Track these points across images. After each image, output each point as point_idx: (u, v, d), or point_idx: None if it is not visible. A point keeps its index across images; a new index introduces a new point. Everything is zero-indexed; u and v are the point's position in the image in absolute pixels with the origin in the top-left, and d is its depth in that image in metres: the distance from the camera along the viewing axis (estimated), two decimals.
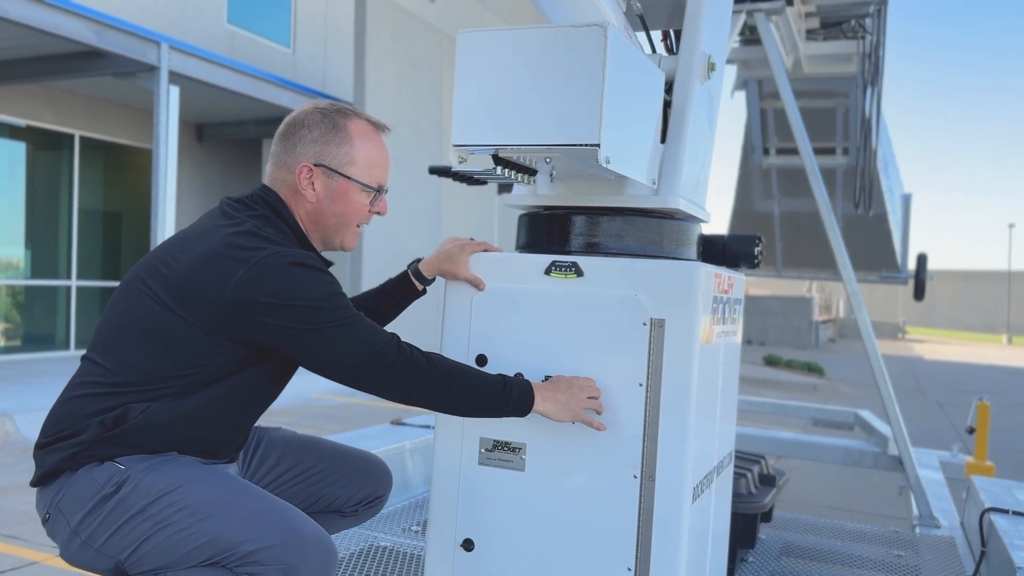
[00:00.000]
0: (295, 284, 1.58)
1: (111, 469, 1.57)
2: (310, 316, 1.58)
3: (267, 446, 1.92)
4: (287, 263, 1.59)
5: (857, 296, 4.00)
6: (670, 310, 1.86)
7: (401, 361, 1.63)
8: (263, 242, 1.63)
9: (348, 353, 1.61)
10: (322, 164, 1.75)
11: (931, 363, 21.47)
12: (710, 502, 2.14)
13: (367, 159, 1.79)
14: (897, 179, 6.70)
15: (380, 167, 1.82)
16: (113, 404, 1.58)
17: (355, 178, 1.77)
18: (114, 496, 1.54)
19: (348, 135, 1.77)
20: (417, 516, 3.29)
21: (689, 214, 2.13)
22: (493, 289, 2.01)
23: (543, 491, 1.95)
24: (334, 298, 1.61)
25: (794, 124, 4.09)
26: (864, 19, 5.01)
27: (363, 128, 1.80)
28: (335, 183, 1.76)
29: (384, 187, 1.83)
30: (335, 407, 8.59)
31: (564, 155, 1.76)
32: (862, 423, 6.00)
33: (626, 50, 1.76)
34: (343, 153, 1.76)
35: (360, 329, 1.63)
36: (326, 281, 1.63)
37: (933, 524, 3.68)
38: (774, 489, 3.03)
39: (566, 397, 1.79)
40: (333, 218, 1.78)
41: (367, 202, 1.81)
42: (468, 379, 1.72)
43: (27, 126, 10.37)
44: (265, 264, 1.57)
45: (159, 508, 1.51)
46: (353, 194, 1.78)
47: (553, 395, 1.78)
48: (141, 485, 1.54)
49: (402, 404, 1.69)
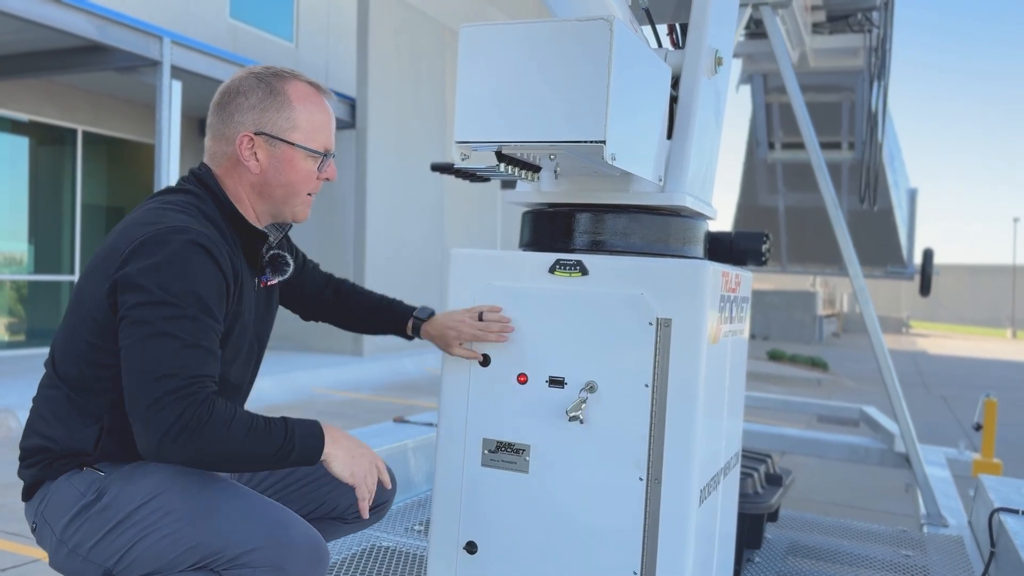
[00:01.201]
0: (165, 265, 1.45)
1: (90, 476, 1.55)
2: (148, 303, 1.43)
3: None
4: (182, 240, 1.47)
5: (864, 292, 3.96)
6: (677, 309, 1.83)
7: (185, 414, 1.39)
8: (177, 215, 1.53)
9: (139, 363, 1.42)
10: (263, 132, 1.63)
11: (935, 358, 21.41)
12: (717, 504, 2.11)
13: (310, 123, 1.67)
14: (903, 173, 6.65)
15: (324, 130, 1.69)
16: (76, 412, 1.56)
17: (299, 144, 1.65)
18: (96, 504, 1.51)
19: (288, 99, 1.65)
20: (420, 515, 3.26)
21: (696, 211, 2.10)
22: (496, 288, 1.98)
23: (547, 493, 1.92)
24: (186, 297, 1.44)
25: (800, 118, 4.05)
26: (871, 12, 4.96)
27: (303, 90, 1.68)
28: (279, 151, 1.65)
29: (331, 151, 1.71)
30: (338, 403, 8.58)
31: (569, 152, 1.73)
32: (868, 419, 5.97)
33: (632, 44, 1.72)
34: (284, 118, 1.64)
35: (173, 346, 1.41)
36: (201, 277, 1.47)
37: (941, 523, 3.65)
38: (781, 489, 3.00)
39: (357, 452, 1.58)
40: (280, 188, 1.67)
41: (314, 168, 1.69)
42: (252, 445, 1.46)
43: (30, 121, 10.35)
44: (155, 238, 1.47)
45: (144, 514, 1.48)
46: (299, 161, 1.66)
47: (346, 442, 1.58)
48: (124, 491, 1.51)
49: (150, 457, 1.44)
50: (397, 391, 9.64)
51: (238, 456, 1.45)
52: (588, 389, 1.86)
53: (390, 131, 12.30)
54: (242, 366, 1.70)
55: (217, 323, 1.51)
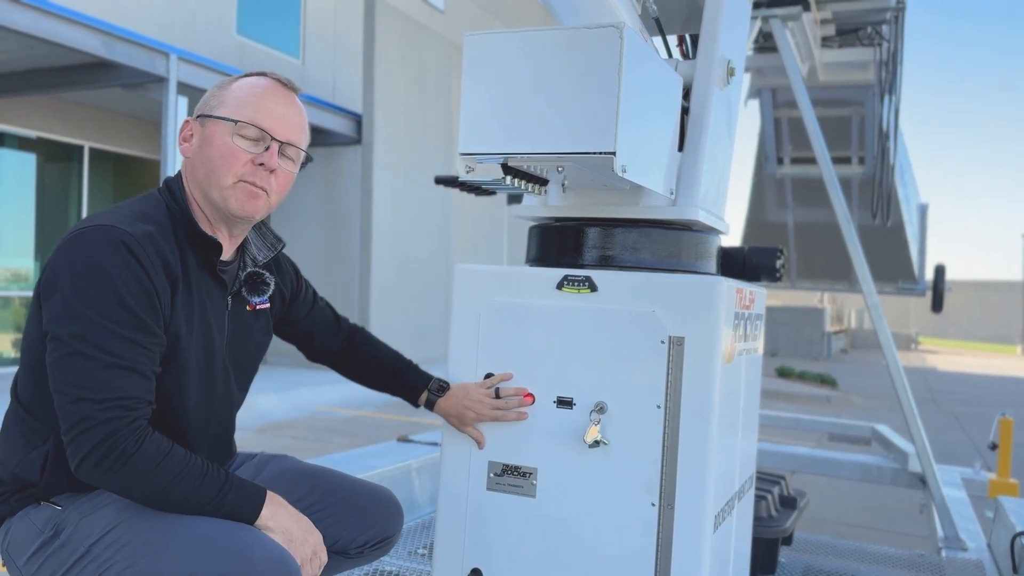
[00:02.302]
0: (84, 269, 1.34)
1: (48, 511, 1.47)
2: (65, 315, 1.33)
3: (270, 477, 1.78)
4: (103, 239, 1.35)
5: (878, 308, 3.88)
6: (690, 327, 1.76)
7: (106, 442, 1.29)
8: (108, 214, 1.43)
9: (58, 383, 1.32)
10: (199, 115, 1.55)
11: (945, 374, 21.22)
12: (732, 529, 2.03)
13: (238, 98, 1.53)
14: (914, 188, 6.59)
15: (254, 107, 1.52)
16: (24, 435, 1.48)
17: (220, 115, 1.51)
18: (54, 541, 1.44)
19: (231, 84, 1.56)
20: (424, 538, 3.18)
21: (708, 225, 2.03)
22: (503, 305, 1.92)
23: (555, 519, 1.84)
24: (108, 308, 1.32)
25: (812, 133, 3.99)
26: (881, 26, 4.92)
27: (251, 79, 1.57)
28: (206, 129, 1.53)
29: (267, 131, 1.52)
30: (342, 420, 8.50)
31: (577, 164, 1.67)
32: (880, 438, 5.86)
33: (643, 53, 1.66)
34: (215, 97, 1.54)
35: (91, 366, 1.31)
36: (124, 282, 1.35)
37: (960, 547, 3.55)
38: (795, 512, 2.92)
39: (299, 535, 1.46)
40: (202, 168, 1.52)
41: (240, 147, 1.51)
42: (182, 490, 1.37)
43: (37, 138, 10.37)
44: (77, 237, 1.37)
45: (102, 548, 1.40)
46: (219, 135, 1.50)
47: (289, 522, 1.46)
48: (80, 526, 1.43)
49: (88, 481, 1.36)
50: (401, 409, 9.55)
51: (166, 499, 1.36)
52: (598, 410, 1.79)
53: (396, 147, 12.29)
54: (202, 389, 1.56)
55: (150, 335, 1.39)
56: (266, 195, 1.55)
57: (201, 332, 1.53)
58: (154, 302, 1.40)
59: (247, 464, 1.82)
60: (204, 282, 1.55)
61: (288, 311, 1.86)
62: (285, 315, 1.87)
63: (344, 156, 11.97)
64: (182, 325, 1.48)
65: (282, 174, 1.57)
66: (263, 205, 1.55)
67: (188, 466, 1.38)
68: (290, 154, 1.58)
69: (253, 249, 1.68)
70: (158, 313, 1.41)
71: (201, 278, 1.54)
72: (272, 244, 1.71)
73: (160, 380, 1.45)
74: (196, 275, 1.53)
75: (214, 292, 1.57)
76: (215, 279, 1.58)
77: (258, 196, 1.53)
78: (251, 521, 1.42)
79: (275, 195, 1.57)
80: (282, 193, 1.60)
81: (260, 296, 1.67)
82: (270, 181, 1.55)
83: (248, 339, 1.69)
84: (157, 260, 1.42)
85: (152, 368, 1.41)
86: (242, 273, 1.65)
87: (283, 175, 1.58)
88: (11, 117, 9.98)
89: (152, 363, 1.41)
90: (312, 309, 1.94)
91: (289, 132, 1.57)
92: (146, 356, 1.38)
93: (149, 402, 1.39)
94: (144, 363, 1.38)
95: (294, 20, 12.88)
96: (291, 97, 1.60)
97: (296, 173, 1.63)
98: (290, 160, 1.59)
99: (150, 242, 1.42)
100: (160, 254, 1.43)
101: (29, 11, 7.38)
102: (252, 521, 1.42)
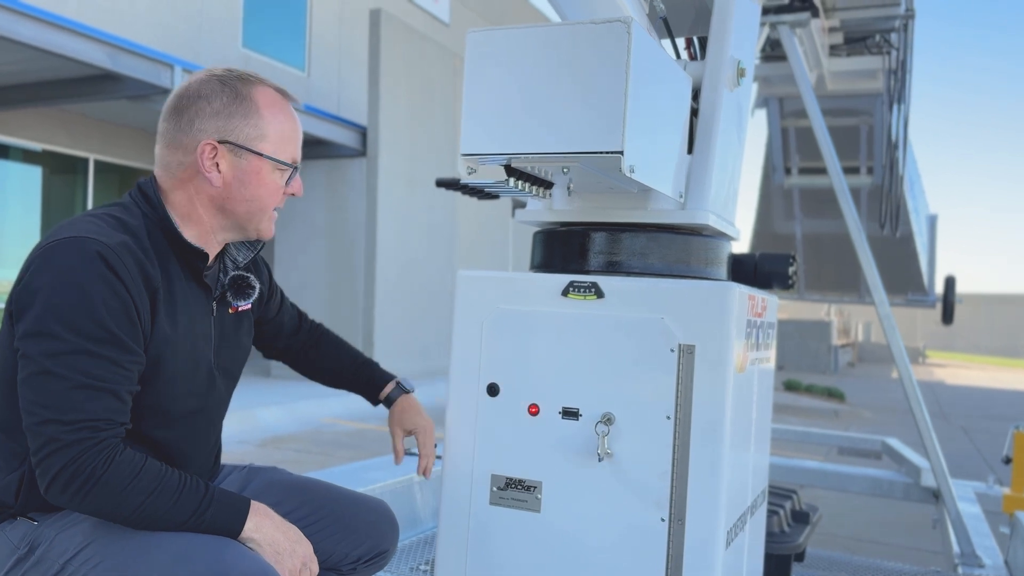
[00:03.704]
0: (58, 283, 1.28)
1: (24, 527, 1.40)
2: (35, 333, 1.27)
3: (257, 490, 1.72)
4: (79, 250, 1.30)
5: (890, 319, 3.81)
6: (701, 335, 1.69)
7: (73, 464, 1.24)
8: (84, 223, 1.37)
9: (27, 404, 1.27)
10: (228, 141, 1.46)
11: (953, 388, 21.05)
12: (744, 545, 1.96)
13: (280, 133, 1.51)
14: (923, 199, 6.53)
15: (293, 141, 1.54)
16: (9, 468, 1.41)
17: (268, 155, 1.49)
18: (29, 557, 1.37)
19: (255, 105, 1.48)
20: (426, 554, 3.10)
21: (718, 230, 1.97)
22: (506, 312, 1.85)
23: (561, 534, 1.77)
24: (81, 324, 1.27)
25: (822, 141, 3.92)
26: (889, 34, 4.86)
27: (271, 97, 1.52)
28: (245, 162, 1.48)
29: (298, 163, 1.56)
30: (347, 433, 8.43)
31: (584, 165, 1.61)
32: (891, 452, 5.77)
33: (651, 49, 1.61)
34: (251, 126, 1.47)
35: (59, 387, 1.25)
36: (100, 296, 1.29)
37: (976, 563, 3.45)
38: (808, 527, 2.83)
39: (286, 547, 1.39)
40: (244, 203, 1.49)
41: (281, 182, 1.53)
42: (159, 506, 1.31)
43: (43, 150, 10.38)
44: (49, 250, 1.32)
45: (77, 565, 1.34)
46: (266, 174, 1.50)
47: (276, 534, 1.38)
48: (56, 542, 1.37)
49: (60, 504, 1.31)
50: None
51: (141, 518, 1.30)
52: (605, 421, 1.72)
53: (401, 159, 12.27)
54: (189, 400, 1.50)
55: (126, 352, 1.32)
56: None
57: (187, 341, 1.47)
58: (133, 316, 1.34)
59: (233, 476, 1.76)
60: (187, 289, 1.49)
61: (264, 311, 1.82)
62: (263, 314, 1.82)
63: (349, 168, 11.95)
64: (167, 337, 1.41)
65: None
66: None
67: (163, 482, 1.31)
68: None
69: (233, 251, 1.62)
70: (137, 328, 1.35)
71: (184, 286, 1.48)
72: (251, 244, 1.65)
73: (146, 394, 1.39)
74: (179, 283, 1.47)
75: (198, 299, 1.52)
76: (200, 285, 1.52)
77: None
78: (234, 534, 1.35)
79: None
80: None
81: (246, 299, 1.62)
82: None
83: (234, 343, 1.63)
84: (136, 271, 1.36)
85: (128, 388, 1.34)
86: (224, 276, 1.59)
87: None
88: (16, 129, 9.99)
89: (128, 382, 1.34)
90: (281, 309, 1.90)
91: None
92: (121, 375, 1.31)
93: (122, 423, 1.32)
94: (118, 383, 1.31)
95: (299, 32, 12.91)
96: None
97: None
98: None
99: (127, 252, 1.35)
100: (139, 264, 1.37)
101: (34, 23, 7.38)
102: (236, 534, 1.35)
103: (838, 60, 5.04)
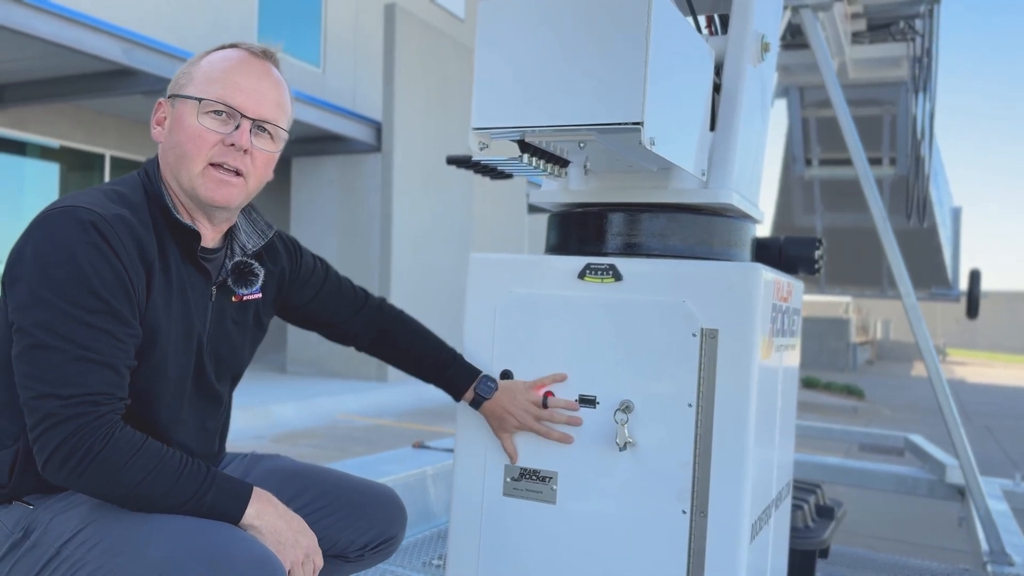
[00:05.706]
0: (51, 252, 1.23)
1: (19, 511, 1.35)
2: (29, 304, 1.22)
3: (259, 477, 1.66)
4: (73, 220, 1.25)
5: (916, 310, 3.70)
6: (724, 319, 1.61)
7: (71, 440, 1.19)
8: (81, 195, 1.32)
9: (23, 378, 1.22)
10: (170, 95, 1.43)
11: (975, 386, 20.76)
12: (768, 540, 1.88)
13: (207, 74, 1.40)
14: (947, 191, 6.40)
15: (221, 82, 1.39)
16: (1, 445, 1.36)
17: (188, 94, 1.39)
18: (24, 542, 1.32)
19: (200, 57, 1.43)
20: (439, 548, 3.04)
21: (742, 211, 1.89)
22: (520, 296, 1.78)
23: (577, 527, 1.70)
24: (76, 294, 1.22)
25: (846, 130, 3.81)
26: (914, 20, 4.75)
27: (224, 52, 1.44)
28: (175, 110, 1.41)
29: (236, 109, 1.40)
30: (362, 428, 8.39)
31: (601, 138, 1.53)
32: (914, 448, 5.65)
33: (672, 17, 1.53)
34: (185, 74, 1.42)
35: (56, 359, 1.20)
36: (94, 266, 1.24)
37: (1006, 561, 3.35)
38: (833, 522, 2.74)
39: (289, 537, 1.33)
40: (172, 152, 1.40)
41: (208, 127, 1.38)
42: (157, 486, 1.25)
43: (60, 147, 10.41)
44: (42, 219, 1.27)
45: (73, 548, 1.28)
46: (188, 117, 1.38)
47: (278, 522, 1.33)
48: (51, 526, 1.32)
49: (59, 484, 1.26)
50: (421, 417, 9.43)
51: (139, 498, 1.25)
52: (623, 409, 1.65)
53: (416, 154, 12.22)
54: (181, 384, 1.44)
55: (123, 325, 1.27)
56: (242, 179, 1.42)
57: (181, 323, 1.41)
58: (127, 289, 1.29)
59: (235, 463, 1.70)
60: (185, 270, 1.43)
61: (289, 296, 1.72)
62: (287, 300, 1.73)
63: (364, 164, 11.91)
64: (160, 315, 1.36)
65: (259, 154, 1.44)
66: (238, 192, 1.42)
67: (163, 462, 1.26)
68: (267, 131, 1.45)
69: (243, 236, 1.55)
70: (132, 301, 1.30)
71: (182, 266, 1.42)
72: (263, 231, 1.58)
73: (135, 374, 1.33)
74: (176, 263, 1.41)
75: (196, 281, 1.45)
76: (197, 268, 1.46)
77: (230, 183, 1.41)
78: (235, 520, 1.29)
79: (254, 179, 1.45)
80: (262, 176, 1.47)
81: (248, 288, 1.54)
82: (245, 162, 1.42)
83: (233, 331, 1.56)
84: (131, 243, 1.30)
85: (126, 362, 1.29)
86: (229, 262, 1.52)
87: (260, 155, 1.44)
88: (34, 126, 10.02)
89: (126, 356, 1.29)
90: (321, 290, 1.77)
91: (262, 108, 1.43)
92: (119, 348, 1.27)
93: (121, 398, 1.27)
94: (116, 356, 1.26)
95: (315, 28, 12.88)
96: (265, 68, 1.47)
97: (277, 153, 1.49)
98: (267, 138, 1.45)
99: (122, 224, 1.30)
100: (134, 237, 1.32)
101: (50, 18, 7.38)
102: (236, 520, 1.29)
103: (860, 47, 4.92)
